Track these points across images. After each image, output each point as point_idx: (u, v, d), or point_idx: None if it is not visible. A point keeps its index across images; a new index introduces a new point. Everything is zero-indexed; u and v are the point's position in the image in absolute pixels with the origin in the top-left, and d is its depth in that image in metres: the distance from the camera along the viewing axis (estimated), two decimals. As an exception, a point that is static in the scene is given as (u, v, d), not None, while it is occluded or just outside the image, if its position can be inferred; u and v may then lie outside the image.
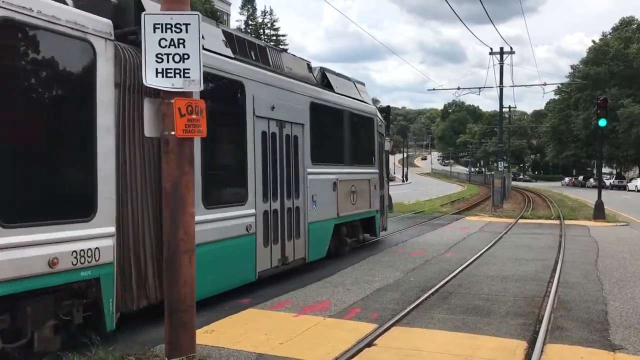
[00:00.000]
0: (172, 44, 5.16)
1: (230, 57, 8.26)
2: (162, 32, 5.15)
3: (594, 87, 67.88)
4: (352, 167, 12.44)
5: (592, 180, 71.34)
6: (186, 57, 5.18)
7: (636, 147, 63.90)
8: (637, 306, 8.03)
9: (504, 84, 34.00)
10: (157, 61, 5.15)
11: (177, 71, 5.18)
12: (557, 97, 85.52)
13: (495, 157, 60.34)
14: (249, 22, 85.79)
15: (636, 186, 55.77)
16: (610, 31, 77.02)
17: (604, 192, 24.47)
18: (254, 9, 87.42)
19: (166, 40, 5.15)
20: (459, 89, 36.58)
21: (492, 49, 34.42)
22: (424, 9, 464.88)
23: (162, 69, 5.15)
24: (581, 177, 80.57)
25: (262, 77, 8.97)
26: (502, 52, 34.27)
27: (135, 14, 6.64)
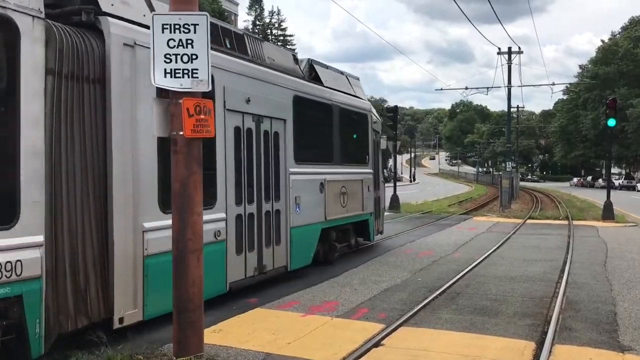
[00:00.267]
0: (181, 44, 5.17)
1: None
2: (171, 32, 5.17)
3: (602, 87, 67.62)
4: (342, 167, 11.66)
5: (600, 180, 71.00)
6: (194, 57, 5.20)
7: (645, 147, 63.66)
8: (647, 307, 8.00)
9: (512, 84, 33.90)
10: (165, 61, 5.17)
11: (186, 71, 5.19)
12: (565, 97, 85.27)
13: (503, 157, 60.14)
14: (257, 23, 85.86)
15: (645, 186, 55.53)
16: (619, 31, 76.80)
17: (612, 193, 24.34)
18: (262, 9, 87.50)
19: (174, 40, 5.17)
20: (466, 88, 36.48)
21: (500, 49, 34.31)
22: (431, 8, 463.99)
23: (171, 69, 5.17)
24: (590, 178, 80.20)
25: (234, 66, 8.16)
26: (510, 52, 34.16)
27: None
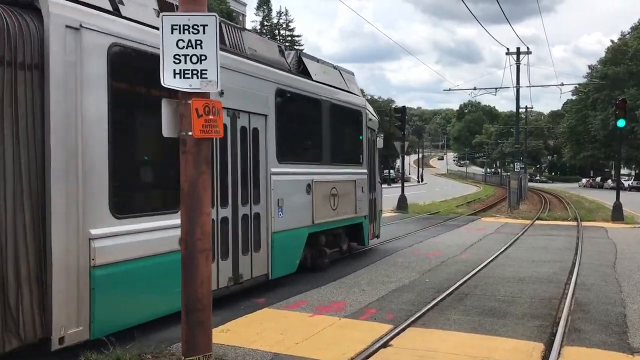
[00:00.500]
0: (190, 45, 5.18)
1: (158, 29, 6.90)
2: (180, 33, 5.18)
3: (612, 87, 67.15)
4: (333, 167, 10.90)
5: (610, 181, 70.61)
6: (203, 58, 5.21)
7: (655, 148, 63.20)
8: (657, 309, 7.95)
9: (521, 84, 33.80)
10: (174, 62, 5.18)
11: (195, 72, 5.20)
12: (574, 97, 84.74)
13: (511, 158, 59.90)
14: (265, 23, 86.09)
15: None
16: (629, 30, 76.15)
17: (622, 194, 24.18)
18: (270, 10, 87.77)
19: (184, 41, 5.18)
20: (475, 89, 36.40)
21: (508, 49, 34.22)
22: (439, 8, 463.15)
23: (180, 70, 5.18)
24: (599, 179, 79.75)
25: None
26: (518, 52, 34.05)
27: None
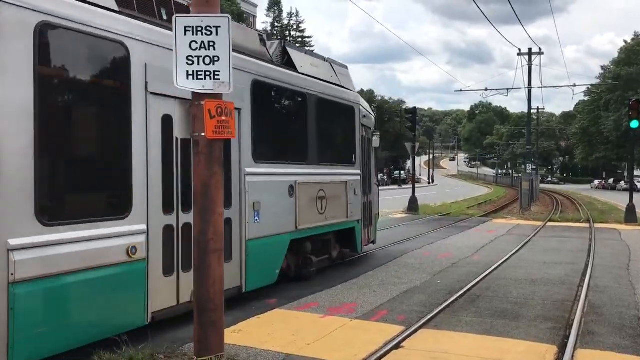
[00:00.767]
0: (203, 46, 5.20)
1: (110, 10, 6.02)
2: (193, 34, 5.21)
3: (625, 88, 66.63)
4: (320, 167, 10.05)
5: (622, 183, 69.94)
6: (216, 59, 5.23)
7: (669, 149, 62.55)
8: (671, 312, 7.87)
9: (533, 85, 33.70)
10: (187, 63, 5.21)
11: (208, 73, 5.23)
12: (586, 98, 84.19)
13: (522, 159, 59.62)
14: (275, 24, 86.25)
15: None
16: (642, 31, 75.60)
17: (635, 195, 23.95)
18: (280, 11, 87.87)
19: (197, 42, 5.21)
20: (486, 90, 36.31)
21: (520, 50, 34.10)
22: (449, 9, 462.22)
23: (193, 71, 5.21)
24: (611, 180, 79.07)
25: (164, 39, 6.39)
26: (530, 52, 33.92)
27: None
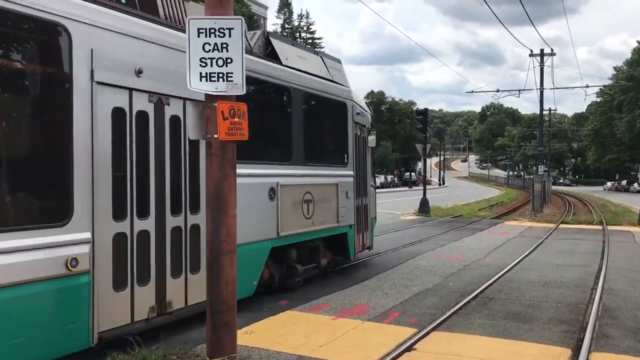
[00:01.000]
0: (216, 48, 5.22)
1: None
2: (206, 36, 5.23)
3: (638, 89, 66.10)
4: (306, 168, 9.31)
5: (636, 184, 69.45)
6: (229, 61, 5.24)
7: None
8: (687, 315, 7.79)
9: (544, 86, 33.45)
10: (201, 65, 5.22)
11: (221, 75, 5.24)
12: (599, 99, 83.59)
13: (534, 161, 59.26)
14: (286, 26, 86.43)
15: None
16: (655, 31, 75.02)
17: (649, 197, 23.74)
18: (291, 13, 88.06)
19: (210, 44, 5.22)
20: (498, 91, 36.12)
21: (532, 51, 33.92)
22: (460, 10, 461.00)
23: (206, 73, 5.22)
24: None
25: (115, 22, 5.91)
26: (542, 53, 33.72)
27: None
